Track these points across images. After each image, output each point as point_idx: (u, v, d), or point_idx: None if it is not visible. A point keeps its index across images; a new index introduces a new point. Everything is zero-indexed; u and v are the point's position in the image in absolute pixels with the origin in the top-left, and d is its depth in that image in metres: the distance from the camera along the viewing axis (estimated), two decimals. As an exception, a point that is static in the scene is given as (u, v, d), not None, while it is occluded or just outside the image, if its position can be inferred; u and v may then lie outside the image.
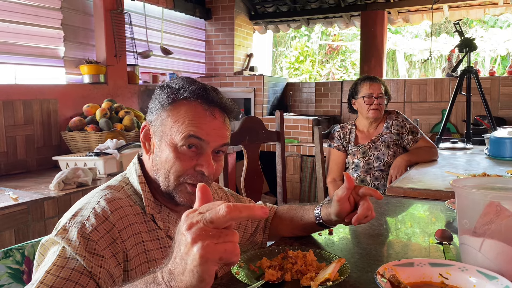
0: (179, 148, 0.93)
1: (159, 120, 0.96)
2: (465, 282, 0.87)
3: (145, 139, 1.00)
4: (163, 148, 0.94)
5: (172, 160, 0.93)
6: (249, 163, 2.29)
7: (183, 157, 0.93)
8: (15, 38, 3.08)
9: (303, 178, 4.57)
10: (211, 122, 0.94)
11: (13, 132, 2.88)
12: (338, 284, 0.90)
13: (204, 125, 0.93)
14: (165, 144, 0.94)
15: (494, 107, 4.35)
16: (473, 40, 3.29)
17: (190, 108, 0.93)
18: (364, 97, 2.53)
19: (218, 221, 0.56)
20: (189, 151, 0.93)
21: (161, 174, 0.95)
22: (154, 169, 0.98)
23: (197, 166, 0.94)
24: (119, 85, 3.78)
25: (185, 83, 0.96)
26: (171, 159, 0.93)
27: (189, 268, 0.57)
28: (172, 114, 0.94)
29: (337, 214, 1.09)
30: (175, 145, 0.93)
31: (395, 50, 9.94)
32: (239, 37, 5.31)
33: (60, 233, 0.83)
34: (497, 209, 0.87)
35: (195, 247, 0.55)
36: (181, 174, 0.93)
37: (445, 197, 1.66)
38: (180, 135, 0.92)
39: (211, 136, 0.94)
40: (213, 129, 0.94)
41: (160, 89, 0.99)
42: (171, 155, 0.93)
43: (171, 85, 0.97)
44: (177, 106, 0.94)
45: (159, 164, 0.96)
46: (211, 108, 0.94)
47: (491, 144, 2.63)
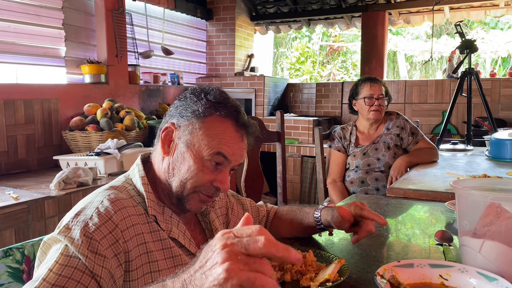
0: (204, 162, 0.95)
1: (189, 128, 0.96)
2: (465, 284, 0.87)
3: (166, 141, 0.99)
4: (187, 156, 0.96)
5: (195, 172, 0.95)
6: (250, 164, 2.29)
7: (206, 171, 0.95)
8: (16, 37, 3.08)
9: (303, 179, 4.57)
10: (238, 144, 0.98)
11: (14, 131, 2.88)
12: (338, 284, 0.90)
13: (232, 145, 0.96)
14: (191, 153, 0.95)
15: (494, 108, 4.35)
16: (474, 42, 3.29)
17: (223, 125, 0.96)
18: (364, 98, 2.53)
19: (254, 252, 0.55)
20: (212, 166, 0.96)
21: (176, 179, 0.97)
22: (169, 172, 0.98)
23: (215, 181, 0.97)
24: (120, 85, 3.78)
25: (222, 98, 0.98)
26: (194, 170, 0.95)
27: (208, 285, 0.56)
28: (205, 126, 0.95)
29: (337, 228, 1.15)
30: (201, 158, 0.95)
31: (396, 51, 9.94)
32: (240, 38, 5.31)
33: (63, 231, 0.83)
34: (498, 211, 0.87)
35: (222, 266, 0.55)
36: (198, 185, 0.96)
37: (445, 198, 1.66)
38: (209, 150, 0.94)
39: (235, 156, 0.98)
40: (238, 150, 0.98)
41: (196, 97, 0.98)
42: (194, 166, 0.95)
43: (208, 97, 0.98)
44: (211, 120, 0.96)
45: (177, 169, 0.97)
46: (241, 131, 0.98)
47: (492, 145, 2.63)
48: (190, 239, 1.01)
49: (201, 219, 1.11)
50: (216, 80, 5.14)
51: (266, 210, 1.32)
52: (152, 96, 4.20)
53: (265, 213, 1.31)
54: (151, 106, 4.18)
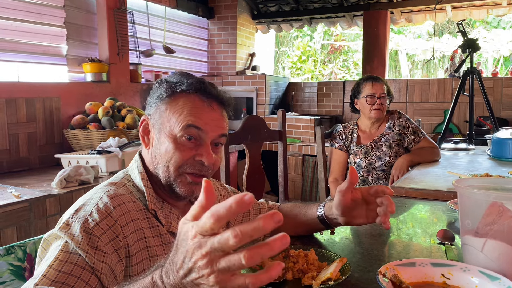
0: (178, 139, 0.94)
1: (157, 112, 0.98)
2: (467, 283, 0.87)
3: (144, 133, 1.02)
4: (163, 140, 0.96)
5: (172, 151, 0.94)
6: (251, 162, 2.29)
7: (183, 148, 0.94)
8: (18, 36, 3.08)
9: (304, 178, 4.57)
10: (209, 113, 0.96)
11: (16, 129, 2.88)
12: (340, 283, 0.89)
13: (202, 115, 0.95)
14: (164, 135, 0.95)
15: (496, 108, 4.34)
16: (476, 41, 3.28)
17: (188, 100, 0.96)
18: (366, 97, 2.53)
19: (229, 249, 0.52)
20: (188, 142, 0.94)
21: (160, 166, 0.96)
22: (153, 162, 0.98)
23: (197, 156, 0.95)
24: (121, 83, 3.78)
25: (182, 77, 0.98)
26: (171, 149, 0.94)
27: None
28: (170, 106, 0.96)
29: (337, 206, 1.07)
30: (174, 136, 0.94)
31: (397, 50, 9.92)
32: (241, 36, 5.31)
33: (63, 228, 0.83)
34: (500, 210, 0.87)
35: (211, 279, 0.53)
36: (180, 165, 0.95)
37: (447, 198, 1.66)
38: (179, 125, 0.94)
39: (210, 126, 0.95)
40: (211, 120, 0.96)
41: (159, 83, 1.01)
42: (170, 146, 0.94)
43: (169, 79, 1.00)
44: (175, 99, 0.96)
45: (158, 157, 0.97)
46: (208, 100, 0.97)
47: (494, 145, 2.63)
48: None
49: None
50: (217, 78, 5.14)
51: (268, 208, 1.32)
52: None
53: (266, 210, 1.30)
54: (152, 104, 4.18)
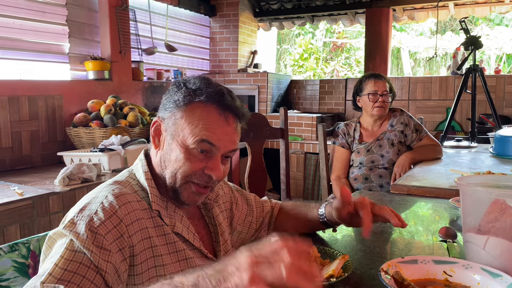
0: (190, 150, 0.93)
1: (172, 118, 0.96)
2: (469, 280, 0.87)
3: (155, 134, 1.00)
4: (174, 147, 0.95)
5: (182, 161, 0.94)
6: (253, 160, 2.29)
7: (193, 159, 0.94)
8: (20, 34, 3.09)
9: (306, 176, 4.57)
10: (223, 128, 0.94)
11: (18, 127, 2.89)
12: (342, 280, 0.90)
13: (217, 130, 0.93)
14: (176, 143, 0.94)
15: (499, 105, 4.33)
16: (479, 38, 3.27)
17: (205, 112, 0.93)
18: (368, 95, 2.52)
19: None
20: (200, 154, 0.94)
21: (168, 171, 0.96)
22: (162, 166, 0.98)
23: (206, 169, 0.95)
24: (123, 81, 3.79)
25: (202, 84, 0.96)
26: (181, 159, 0.94)
27: None
28: (186, 115, 0.94)
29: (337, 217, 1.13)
30: (187, 147, 0.93)
31: (399, 48, 9.90)
32: (243, 34, 5.31)
33: (68, 226, 0.84)
34: (502, 207, 0.87)
35: None
36: (188, 174, 0.94)
37: (449, 195, 1.66)
38: (192, 138, 0.92)
39: (222, 142, 0.94)
40: (225, 135, 0.95)
41: (177, 87, 0.98)
42: (181, 155, 0.94)
43: (188, 85, 0.97)
44: (192, 108, 0.94)
45: (167, 162, 0.96)
46: (225, 114, 0.94)
47: (496, 142, 2.62)
48: (194, 234, 1.01)
49: (205, 213, 1.11)
50: (219, 76, 5.14)
51: (270, 206, 1.32)
52: (156, 93, 4.21)
53: (269, 208, 1.31)
54: (154, 102, 4.19)
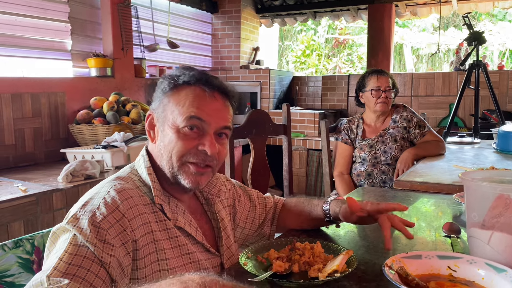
0: (181, 130, 0.95)
1: (161, 106, 0.99)
2: (473, 275, 0.87)
3: (150, 128, 1.03)
4: (166, 132, 0.97)
5: (175, 141, 0.95)
6: (256, 157, 2.29)
7: (185, 137, 0.95)
8: (22, 31, 3.09)
9: (309, 172, 4.57)
10: (211, 103, 0.97)
11: (22, 124, 2.90)
12: (346, 275, 0.90)
13: (204, 106, 0.96)
14: (168, 127, 0.97)
15: (502, 101, 4.31)
16: (482, 34, 3.25)
17: (190, 91, 0.97)
18: (371, 90, 2.52)
19: None
20: (191, 132, 0.95)
21: (165, 158, 0.98)
22: (159, 155, 1.00)
23: (200, 145, 0.96)
24: (126, 78, 3.79)
25: (184, 70, 1.00)
26: (174, 140, 0.95)
27: None
28: (173, 98, 0.98)
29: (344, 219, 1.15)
30: (177, 127, 0.95)
31: (402, 44, 9.87)
32: (245, 31, 5.30)
33: (71, 221, 0.84)
34: (507, 202, 0.87)
35: None
36: (183, 154, 0.95)
37: (452, 191, 1.66)
38: (181, 117, 0.95)
39: (212, 117, 0.96)
40: (214, 110, 0.97)
41: (162, 78, 1.03)
42: (173, 136, 0.96)
43: (172, 73, 1.01)
44: (177, 91, 0.98)
45: (163, 149, 0.98)
46: (210, 90, 0.97)
47: (499, 138, 2.61)
48: (197, 228, 1.02)
49: (207, 209, 1.12)
50: (221, 73, 5.14)
51: (273, 202, 1.32)
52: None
53: (272, 204, 1.31)
54: (157, 99, 4.19)
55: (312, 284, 0.88)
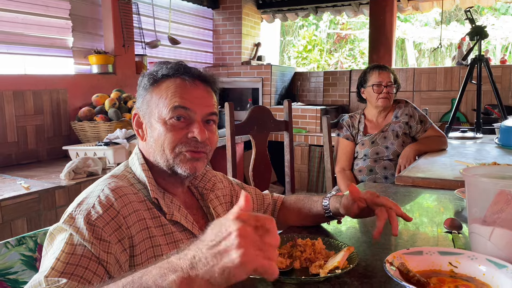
0: (168, 122, 0.96)
1: (144, 103, 1.01)
2: (474, 271, 0.87)
3: (138, 127, 1.04)
4: (154, 126, 0.98)
5: (164, 133, 0.96)
6: (257, 153, 2.29)
7: (174, 128, 0.96)
8: (24, 28, 3.09)
9: (311, 168, 4.57)
10: (193, 91, 0.98)
11: (24, 122, 2.91)
12: (347, 272, 0.90)
13: (187, 95, 0.97)
14: (155, 121, 0.98)
15: (505, 96, 4.30)
16: (484, 28, 3.24)
17: (171, 83, 0.98)
18: (373, 86, 2.51)
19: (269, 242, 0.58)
20: (178, 122, 0.96)
21: (157, 152, 0.98)
22: (151, 151, 1.00)
23: (189, 133, 0.97)
24: (127, 75, 3.79)
25: (162, 64, 1.01)
26: (163, 132, 0.96)
27: (221, 265, 0.56)
28: (155, 93, 0.99)
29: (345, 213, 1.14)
30: (164, 120, 0.96)
31: (404, 39, 9.82)
32: (246, 26, 5.28)
33: (67, 221, 0.85)
34: (508, 198, 0.87)
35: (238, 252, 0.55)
36: (175, 145, 0.96)
37: (454, 187, 1.66)
38: (166, 108, 0.96)
39: (196, 105, 0.97)
40: (197, 98, 0.98)
41: (142, 76, 1.04)
42: (162, 129, 0.96)
43: (150, 69, 1.03)
44: (158, 85, 0.99)
45: (154, 144, 0.99)
46: (190, 79, 0.99)
47: (502, 133, 2.61)
48: (193, 222, 1.03)
49: (203, 204, 1.12)
50: (223, 69, 5.13)
51: (272, 199, 1.32)
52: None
53: (270, 201, 1.31)
54: (158, 96, 4.19)
55: (313, 280, 0.88)
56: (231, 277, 0.56)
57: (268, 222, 0.59)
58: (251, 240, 0.56)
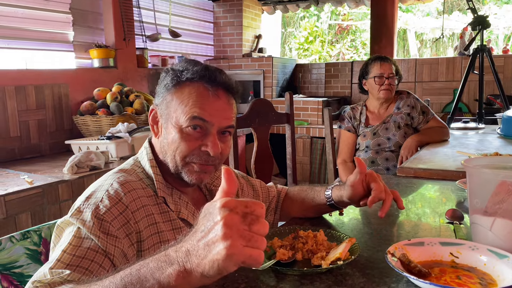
0: (184, 129, 0.95)
1: (164, 103, 0.98)
2: (475, 261, 0.87)
3: (154, 123, 1.03)
4: (169, 130, 0.97)
5: (178, 141, 0.95)
6: (259, 146, 2.30)
7: (189, 138, 0.95)
8: (24, 23, 3.09)
9: (313, 160, 4.57)
10: (214, 103, 0.95)
11: (26, 116, 2.91)
12: (349, 263, 0.91)
13: (207, 106, 0.94)
14: (171, 126, 0.96)
15: (507, 86, 4.27)
16: (487, 18, 3.22)
17: (194, 89, 0.95)
18: (374, 77, 2.51)
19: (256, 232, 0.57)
20: (194, 132, 0.95)
21: (168, 155, 0.98)
22: (162, 151, 1.00)
23: (203, 146, 0.95)
24: (128, 68, 3.79)
25: (188, 65, 0.98)
26: (177, 140, 0.95)
27: (210, 258, 0.56)
28: (176, 96, 0.96)
29: (350, 198, 1.10)
30: (180, 126, 0.95)
31: (406, 29, 9.75)
32: (247, 18, 5.26)
33: (74, 214, 0.85)
34: (509, 189, 0.87)
35: (225, 243, 0.55)
36: (186, 155, 0.95)
37: (456, 177, 1.66)
38: (184, 116, 0.94)
39: (215, 117, 0.95)
40: (217, 110, 0.95)
41: (165, 72, 1.01)
42: (176, 136, 0.95)
43: (174, 67, 0.99)
44: (181, 88, 0.96)
45: (166, 146, 0.98)
46: (214, 88, 0.95)
47: (504, 123, 2.60)
48: None
49: (211, 200, 1.13)
50: (224, 62, 5.12)
51: (276, 191, 1.33)
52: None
53: (275, 193, 1.32)
54: (160, 89, 4.19)
55: (315, 272, 0.89)
56: (220, 269, 0.56)
57: (257, 208, 0.57)
58: (237, 230, 0.55)
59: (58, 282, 0.73)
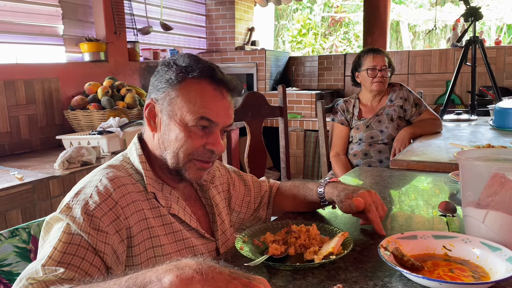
0: (190, 128, 0.94)
1: (167, 99, 0.96)
2: (468, 254, 0.87)
3: (150, 117, 1.00)
4: (172, 127, 0.95)
5: (183, 139, 0.94)
6: (252, 139, 2.29)
7: (194, 136, 0.95)
8: (13, 16, 3.04)
9: (306, 153, 4.57)
10: (220, 102, 0.96)
11: (16, 112, 2.87)
12: (342, 257, 0.90)
13: (214, 106, 0.95)
14: (175, 122, 0.95)
15: (499, 77, 4.29)
16: (479, 9, 3.22)
17: (200, 87, 0.95)
18: (367, 70, 2.50)
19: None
20: (199, 131, 0.95)
21: (169, 152, 0.96)
22: (161, 147, 0.98)
23: (207, 144, 0.96)
24: (119, 62, 3.75)
25: (192, 61, 0.96)
26: (182, 137, 0.94)
27: None
28: (182, 93, 0.94)
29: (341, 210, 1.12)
30: (186, 124, 0.94)
31: (398, 21, 9.75)
32: (239, 11, 5.22)
33: (64, 210, 0.84)
34: (502, 181, 0.87)
35: None
36: (191, 152, 0.95)
37: (449, 169, 1.66)
38: (191, 115, 0.93)
39: (221, 118, 0.96)
40: (222, 110, 0.96)
41: (167, 66, 0.98)
42: (181, 134, 0.94)
43: (178, 62, 0.97)
44: (186, 85, 0.95)
45: (167, 142, 0.96)
46: (219, 88, 0.96)
47: (496, 115, 2.61)
48: (191, 215, 1.02)
49: (201, 195, 1.12)
50: (216, 55, 5.09)
51: (268, 186, 1.32)
52: (153, 73, 4.16)
53: (267, 188, 1.31)
54: (152, 83, 4.15)
55: (308, 266, 0.88)
56: None
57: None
58: None
59: (53, 281, 0.72)
